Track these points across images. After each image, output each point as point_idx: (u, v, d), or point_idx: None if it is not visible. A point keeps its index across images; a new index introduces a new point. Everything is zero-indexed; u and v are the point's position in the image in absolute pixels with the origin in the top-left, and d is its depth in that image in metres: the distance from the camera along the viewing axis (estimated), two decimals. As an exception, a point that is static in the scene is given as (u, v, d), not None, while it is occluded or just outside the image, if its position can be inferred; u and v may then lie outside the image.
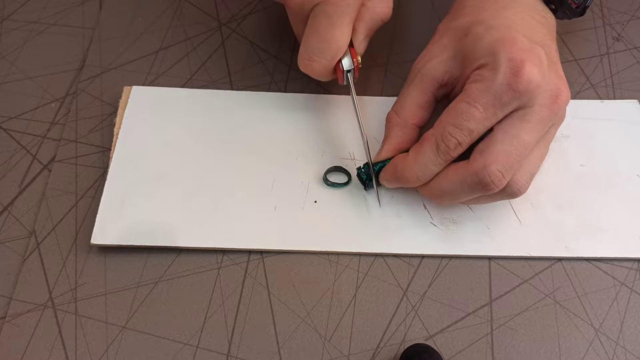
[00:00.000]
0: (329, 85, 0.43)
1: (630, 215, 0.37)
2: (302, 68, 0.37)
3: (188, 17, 0.47)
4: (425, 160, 0.33)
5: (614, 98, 0.42)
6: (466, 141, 0.32)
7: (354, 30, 0.36)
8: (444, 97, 0.36)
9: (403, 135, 0.35)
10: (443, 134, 0.32)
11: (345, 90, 0.42)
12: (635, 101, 0.41)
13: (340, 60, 0.36)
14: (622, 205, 0.37)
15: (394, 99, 0.41)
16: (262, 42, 0.45)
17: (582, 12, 0.38)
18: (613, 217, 0.37)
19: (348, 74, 0.37)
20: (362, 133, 0.37)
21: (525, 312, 0.34)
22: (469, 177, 0.32)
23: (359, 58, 0.37)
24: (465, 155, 0.32)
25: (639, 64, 0.44)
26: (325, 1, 0.34)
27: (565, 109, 0.33)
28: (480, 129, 0.31)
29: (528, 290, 0.35)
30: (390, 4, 0.38)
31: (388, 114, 0.36)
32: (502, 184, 0.31)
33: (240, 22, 0.47)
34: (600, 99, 0.42)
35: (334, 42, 0.35)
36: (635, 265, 0.36)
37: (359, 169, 0.37)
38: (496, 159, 0.31)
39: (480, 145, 0.32)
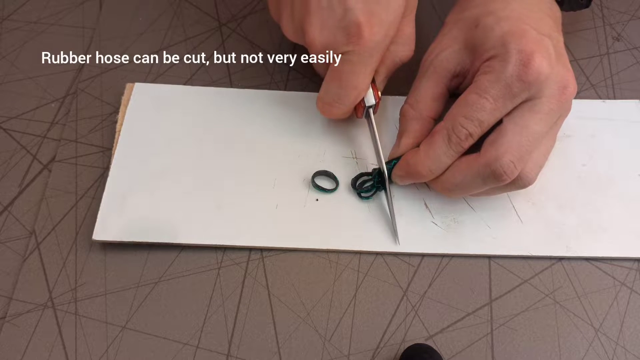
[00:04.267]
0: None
1: (631, 214, 0.37)
2: (320, 110, 0.37)
3: (188, 17, 0.47)
4: (437, 153, 0.33)
5: (614, 98, 0.42)
6: (477, 132, 0.32)
7: (375, 72, 0.36)
8: (456, 88, 0.36)
9: (421, 129, 0.36)
10: (454, 125, 0.32)
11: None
12: (636, 101, 0.41)
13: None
14: (623, 204, 0.37)
15: (393, 97, 0.41)
16: (262, 42, 0.45)
17: (587, 4, 0.38)
18: (614, 216, 0.37)
19: (369, 109, 0.37)
20: (380, 163, 0.37)
21: (525, 312, 0.34)
22: (482, 169, 0.32)
23: (380, 94, 0.37)
24: (475, 147, 0.33)
25: (639, 64, 0.44)
26: (350, 51, 0.33)
27: (572, 101, 0.33)
28: (490, 119, 0.32)
29: (528, 290, 0.35)
30: (413, 46, 0.38)
31: (402, 107, 0.36)
32: (514, 174, 0.32)
33: (240, 22, 0.47)
34: (601, 99, 0.42)
35: (355, 90, 0.35)
36: (635, 265, 0.36)
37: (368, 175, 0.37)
38: (508, 150, 0.31)
39: (491, 137, 0.32)
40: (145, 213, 0.36)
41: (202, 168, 0.38)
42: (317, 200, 0.37)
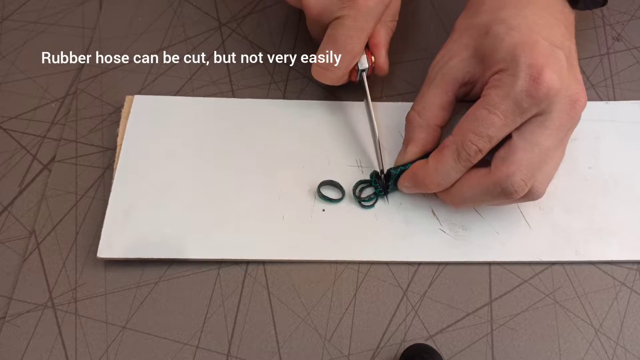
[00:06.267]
0: (334, 89, 0.42)
1: (638, 216, 0.37)
2: (315, 75, 0.37)
3: (188, 17, 0.47)
4: (446, 168, 0.33)
5: (614, 98, 0.42)
6: (486, 147, 0.32)
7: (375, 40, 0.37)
8: (464, 96, 0.36)
9: (427, 137, 0.35)
10: (464, 141, 0.32)
11: (351, 97, 0.42)
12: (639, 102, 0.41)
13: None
14: (630, 206, 0.37)
15: (396, 104, 0.41)
16: (262, 42, 0.45)
17: (603, 2, 0.37)
18: (622, 219, 0.36)
19: (362, 73, 0.37)
20: (373, 132, 0.37)
21: (525, 312, 0.34)
22: (492, 186, 0.32)
23: (373, 58, 0.37)
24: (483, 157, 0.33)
25: (639, 64, 0.44)
26: (345, 15, 0.34)
27: (581, 113, 0.33)
28: (500, 135, 0.32)
29: (528, 290, 0.35)
30: (396, 17, 0.39)
31: (408, 114, 0.36)
32: (524, 191, 0.32)
33: (240, 22, 0.47)
34: (601, 99, 0.42)
35: (350, 54, 0.35)
36: (635, 265, 0.36)
37: (372, 176, 0.37)
38: (519, 169, 0.31)
39: (501, 153, 0.32)
40: (150, 228, 0.36)
41: (206, 181, 0.38)
42: (323, 210, 0.37)
